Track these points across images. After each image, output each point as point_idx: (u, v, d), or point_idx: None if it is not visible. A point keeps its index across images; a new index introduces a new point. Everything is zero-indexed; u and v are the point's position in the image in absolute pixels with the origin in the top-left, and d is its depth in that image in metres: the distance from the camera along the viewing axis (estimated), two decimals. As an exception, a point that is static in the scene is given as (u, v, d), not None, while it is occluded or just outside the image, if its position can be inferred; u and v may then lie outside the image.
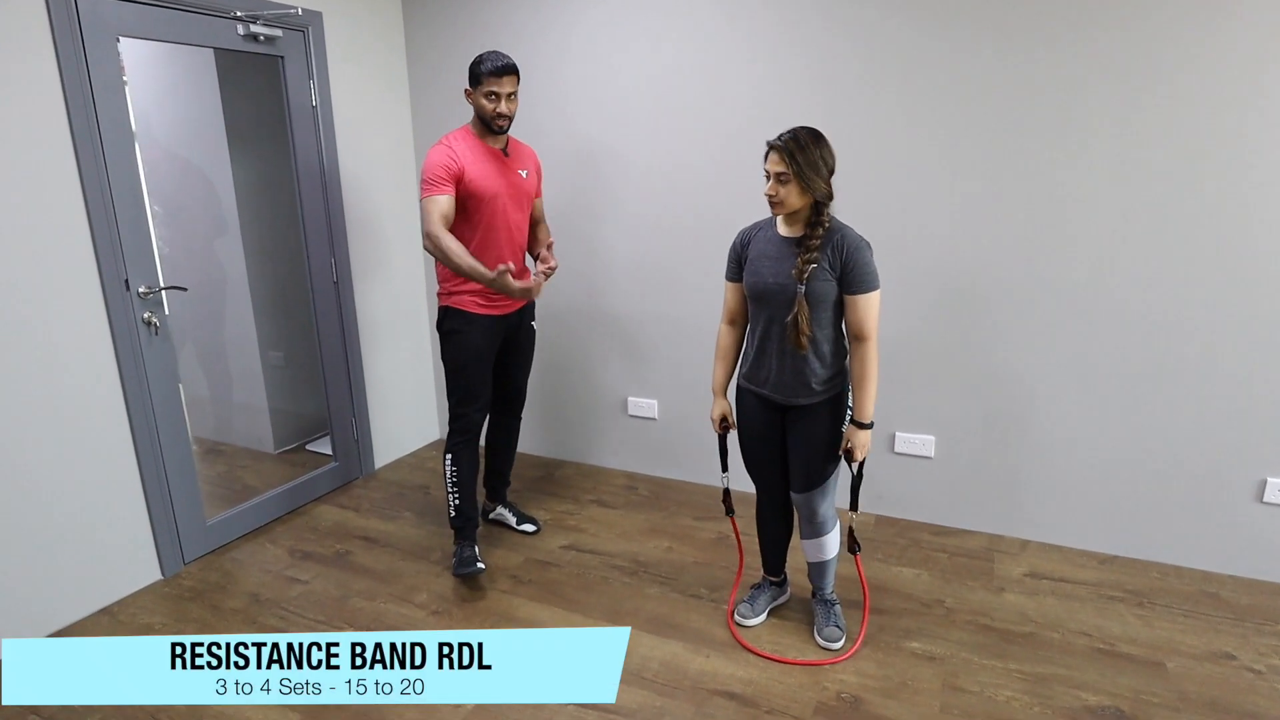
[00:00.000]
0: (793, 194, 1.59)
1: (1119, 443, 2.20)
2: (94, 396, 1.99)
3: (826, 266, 1.62)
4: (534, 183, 2.20)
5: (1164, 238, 2.04)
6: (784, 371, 1.70)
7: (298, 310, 2.71)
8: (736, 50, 2.38)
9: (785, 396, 1.73)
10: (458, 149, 2.00)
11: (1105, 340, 2.16)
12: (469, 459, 2.17)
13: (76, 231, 1.92)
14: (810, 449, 1.73)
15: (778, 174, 1.59)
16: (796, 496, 1.80)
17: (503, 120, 2.01)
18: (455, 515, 2.18)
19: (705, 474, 2.79)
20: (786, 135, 1.60)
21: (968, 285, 2.27)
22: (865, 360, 1.63)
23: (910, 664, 1.80)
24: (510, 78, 1.98)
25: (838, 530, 1.84)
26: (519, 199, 2.12)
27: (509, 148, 2.12)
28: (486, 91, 1.97)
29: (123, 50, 2.01)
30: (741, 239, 1.77)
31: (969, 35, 2.10)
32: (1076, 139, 2.06)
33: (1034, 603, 2.04)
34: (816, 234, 1.62)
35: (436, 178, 1.95)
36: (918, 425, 2.43)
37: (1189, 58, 1.92)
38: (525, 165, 2.15)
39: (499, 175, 2.06)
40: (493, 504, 2.51)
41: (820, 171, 1.59)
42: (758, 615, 1.96)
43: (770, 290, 1.67)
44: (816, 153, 1.59)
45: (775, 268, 1.66)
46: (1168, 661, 1.80)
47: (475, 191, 2.00)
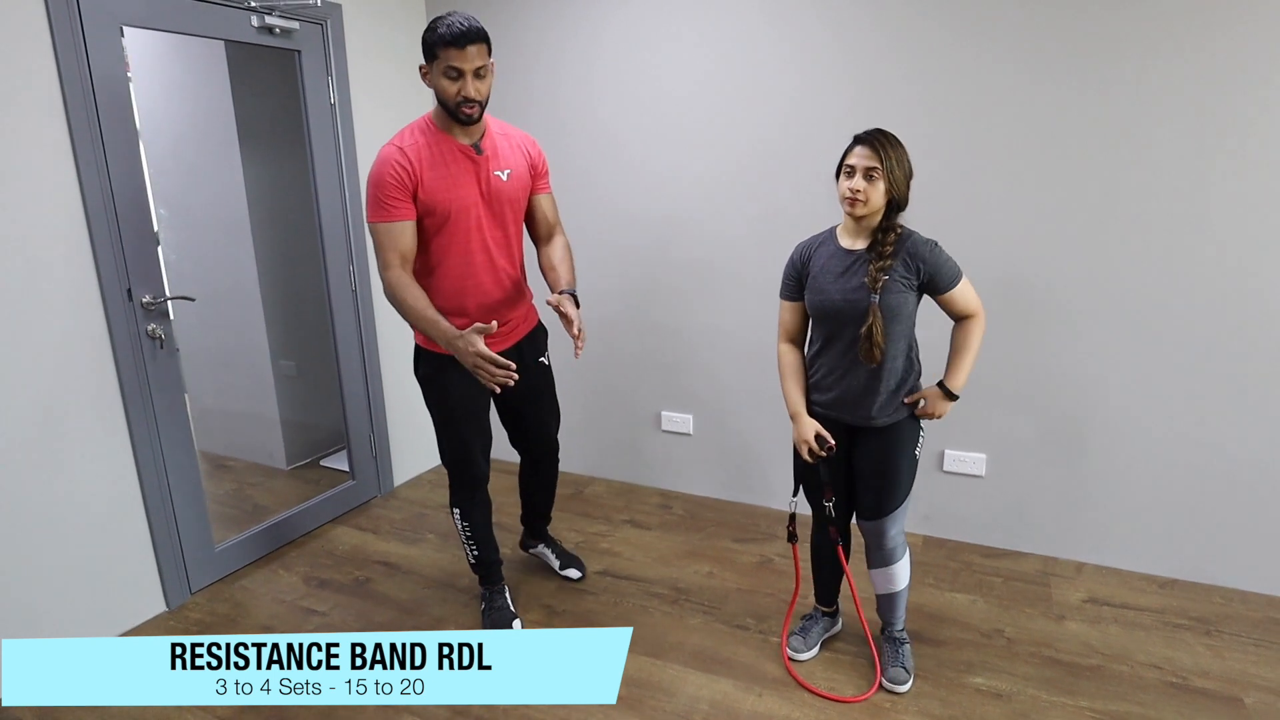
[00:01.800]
0: (877, 193, 1.48)
1: (1178, 460, 2.11)
2: (93, 415, 1.85)
3: (901, 276, 1.51)
4: (522, 183, 1.69)
5: (1233, 246, 1.94)
6: (853, 390, 1.59)
7: (311, 318, 2.58)
8: (774, 52, 2.27)
9: (855, 417, 1.62)
10: (411, 152, 1.56)
11: (1167, 353, 2.06)
12: (480, 509, 1.90)
13: (75, 238, 1.78)
14: (884, 473, 1.62)
15: (867, 169, 1.47)
16: (865, 524, 1.68)
17: (470, 107, 1.51)
18: (475, 564, 1.96)
19: (742, 492, 2.68)
20: (871, 130, 1.51)
21: (1021, 296, 2.16)
22: (970, 331, 1.56)
23: (976, 702, 1.69)
24: (476, 47, 1.47)
25: (908, 558, 1.73)
26: (498, 211, 1.66)
27: (484, 141, 1.62)
28: (445, 67, 1.48)
29: (127, 42, 1.88)
30: (801, 255, 1.65)
31: (1029, 42, 1.99)
32: (1141, 142, 1.96)
33: (1097, 631, 1.94)
34: (889, 240, 1.51)
35: (385, 199, 1.53)
36: (968, 443, 2.33)
37: (1264, 65, 1.82)
38: (507, 164, 1.65)
39: (468, 182, 1.60)
40: (533, 540, 2.23)
41: (906, 171, 1.50)
42: (811, 649, 1.84)
43: (838, 308, 1.56)
44: (903, 152, 1.50)
45: (842, 284, 1.56)
46: (1245, 697, 1.71)
47: (435, 208, 1.58)
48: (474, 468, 1.85)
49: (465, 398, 1.76)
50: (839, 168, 1.54)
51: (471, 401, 1.78)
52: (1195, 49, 1.87)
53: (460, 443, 1.81)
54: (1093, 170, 2.02)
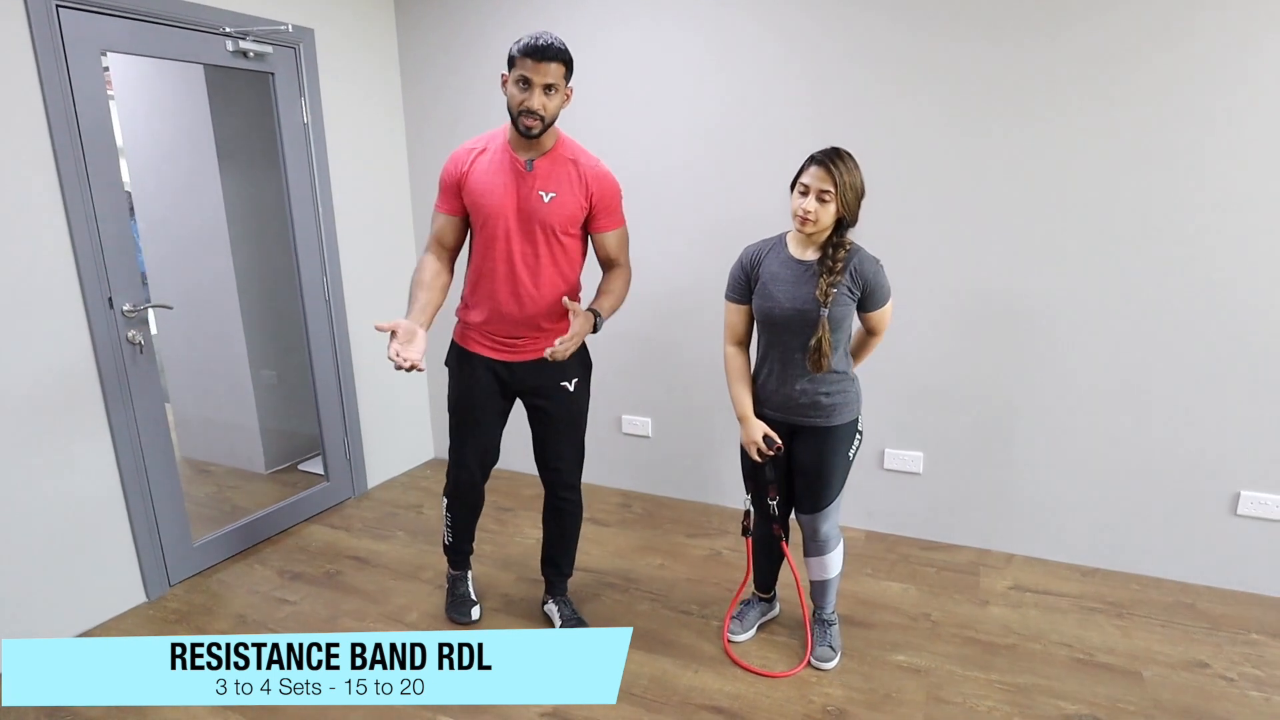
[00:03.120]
0: (828, 214, 1.53)
1: (1099, 458, 2.26)
2: (76, 416, 1.97)
3: (847, 289, 1.59)
4: (567, 211, 1.69)
5: (1140, 256, 2.10)
6: (796, 394, 1.67)
7: (290, 329, 2.70)
8: (727, 63, 2.42)
9: (796, 418, 1.70)
10: (470, 153, 1.70)
11: (1084, 357, 2.21)
12: (465, 508, 1.99)
13: (58, 249, 1.89)
14: (820, 472, 1.71)
15: (820, 191, 1.52)
16: (803, 517, 1.80)
17: (530, 119, 1.57)
18: (447, 546, 2.08)
19: (698, 491, 2.81)
20: (828, 150, 1.53)
21: (953, 305, 2.32)
22: (871, 346, 1.76)
23: (895, 676, 1.83)
24: (554, 65, 1.54)
25: (841, 548, 1.86)
26: (529, 229, 1.67)
27: (541, 161, 1.66)
28: (518, 76, 1.55)
29: (111, 65, 1.99)
30: (750, 259, 1.68)
31: (957, 45, 2.16)
32: (1061, 160, 2.11)
33: (1018, 615, 2.09)
34: (839, 256, 1.57)
35: (440, 186, 1.72)
36: (906, 442, 2.48)
37: (1168, 67, 1.98)
38: (555, 188, 1.67)
39: (507, 192, 1.66)
40: (547, 596, 2.08)
41: (858, 192, 1.56)
42: (747, 631, 1.98)
43: (786, 314, 1.61)
44: (857, 173, 1.55)
45: (791, 291, 1.61)
46: (1144, 670, 1.85)
47: (474, 207, 1.69)
48: (462, 469, 1.90)
49: (466, 395, 1.83)
50: (794, 183, 1.58)
51: (470, 400, 1.82)
52: (1140, 69, 2.02)
53: (457, 439, 1.90)
54: (1014, 191, 2.18)
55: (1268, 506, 2.11)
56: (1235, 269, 2.02)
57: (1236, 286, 2.02)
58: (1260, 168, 1.93)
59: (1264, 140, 1.92)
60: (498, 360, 1.80)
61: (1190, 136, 1.98)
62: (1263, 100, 1.90)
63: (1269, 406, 2.06)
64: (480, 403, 1.83)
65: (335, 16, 2.58)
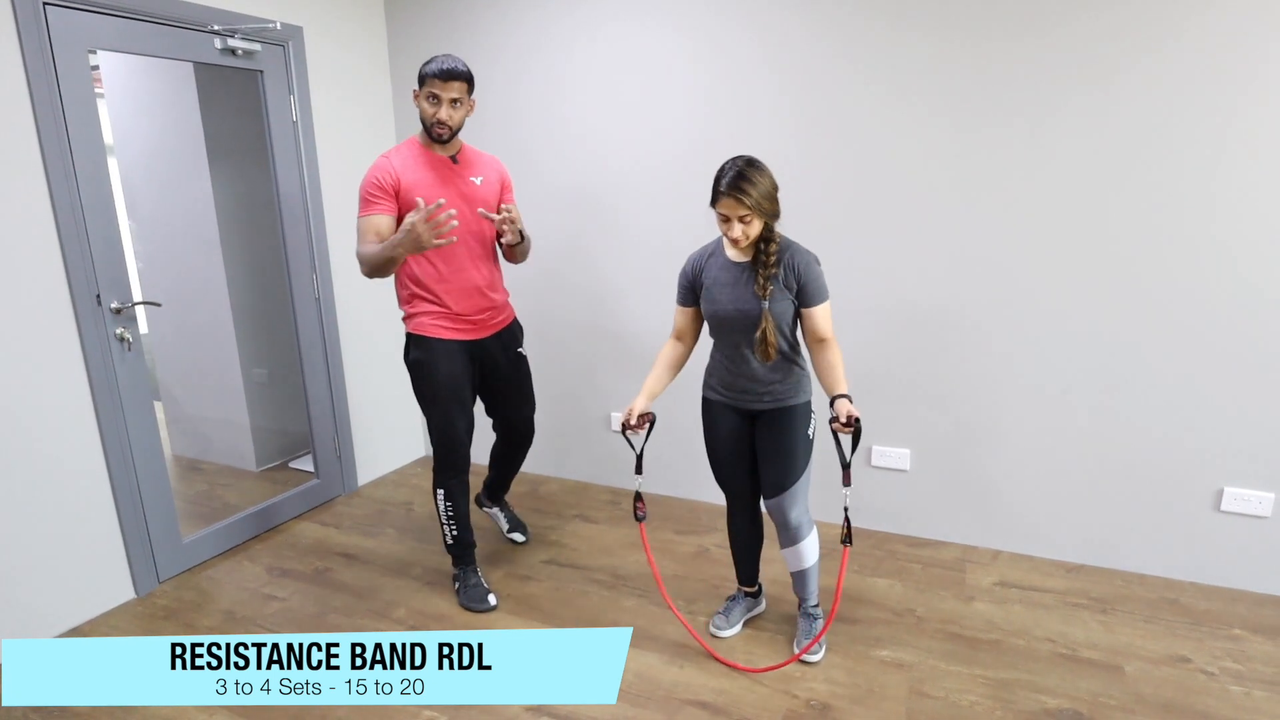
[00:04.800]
0: (754, 228, 1.62)
1: (1084, 455, 2.27)
2: (64, 413, 1.97)
3: (782, 284, 1.67)
4: (493, 190, 2.01)
5: (1122, 253, 2.11)
6: (750, 380, 1.76)
7: (281, 327, 2.71)
8: (690, 69, 2.43)
9: (752, 403, 1.79)
10: (396, 160, 1.88)
11: (1068, 354, 2.23)
12: (462, 491, 2.09)
13: (46, 246, 1.90)
14: (779, 450, 1.77)
15: (740, 217, 1.59)
16: (769, 503, 1.82)
17: (441, 128, 1.86)
18: (453, 544, 2.13)
19: (688, 489, 2.82)
20: (732, 176, 1.57)
21: (938, 303, 2.33)
22: (832, 355, 1.68)
23: (878, 671, 1.85)
24: (456, 84, 1.84)
25: (815, 536, 1.87)
26: (472, 210, 1.95)
27: (460, 155, 1.97)
28: (428, 93, 1.84)
29: (101, 63, 2.00)
30: (693, 266, 1.79)
31: (952, 47, 2.17)
32: (1034, 160, 2.13)
33: (1002, 611, 2.10)
34: (771, 252, 1.65)
35: (370, 196, 1.85)
36: (893, 439, 2.49)
37: (1147, 65, 2.00)
38: (480, 172, 1.98)
39: (443, 182, 1.90)
40: (489, 502, 2.48)
41: (773, 197, 1.62)
42: (732, 626, 1.99)
43: (732, 316, 1.71)
44: (765, 181, 1.60)
45: (732, 294, 1.70)
46: (1126, 665, 1.86)
47: (417, 202, 1.80)
48: (460, 448, 2.04)
49: (450, 378, 1.98)
50: (711, 204, 1.62)
51: (455, 381, 1.99)
52: (1106, 79, 2.04)
53: (447, 423, 2.00)
54: (996, 188, 2.19)
55: (1251, 503, 2.13)
56: (1217, 267, 2.03)
57: (1220, 284, 2.04)
58: (1243, 161, 1.95)
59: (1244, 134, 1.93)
60: (470, 340, 2.03)
61: (1177, 133, 1.99)
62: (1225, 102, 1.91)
63: (1252, 403, 2.07)
64: (465, 381, 2.03)
65: (324, 14, 2.58)
